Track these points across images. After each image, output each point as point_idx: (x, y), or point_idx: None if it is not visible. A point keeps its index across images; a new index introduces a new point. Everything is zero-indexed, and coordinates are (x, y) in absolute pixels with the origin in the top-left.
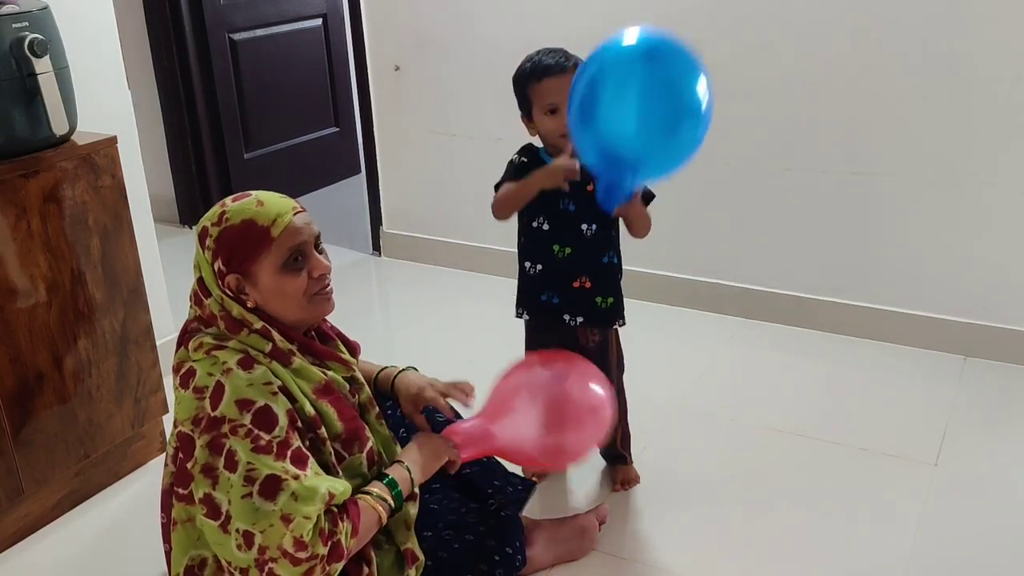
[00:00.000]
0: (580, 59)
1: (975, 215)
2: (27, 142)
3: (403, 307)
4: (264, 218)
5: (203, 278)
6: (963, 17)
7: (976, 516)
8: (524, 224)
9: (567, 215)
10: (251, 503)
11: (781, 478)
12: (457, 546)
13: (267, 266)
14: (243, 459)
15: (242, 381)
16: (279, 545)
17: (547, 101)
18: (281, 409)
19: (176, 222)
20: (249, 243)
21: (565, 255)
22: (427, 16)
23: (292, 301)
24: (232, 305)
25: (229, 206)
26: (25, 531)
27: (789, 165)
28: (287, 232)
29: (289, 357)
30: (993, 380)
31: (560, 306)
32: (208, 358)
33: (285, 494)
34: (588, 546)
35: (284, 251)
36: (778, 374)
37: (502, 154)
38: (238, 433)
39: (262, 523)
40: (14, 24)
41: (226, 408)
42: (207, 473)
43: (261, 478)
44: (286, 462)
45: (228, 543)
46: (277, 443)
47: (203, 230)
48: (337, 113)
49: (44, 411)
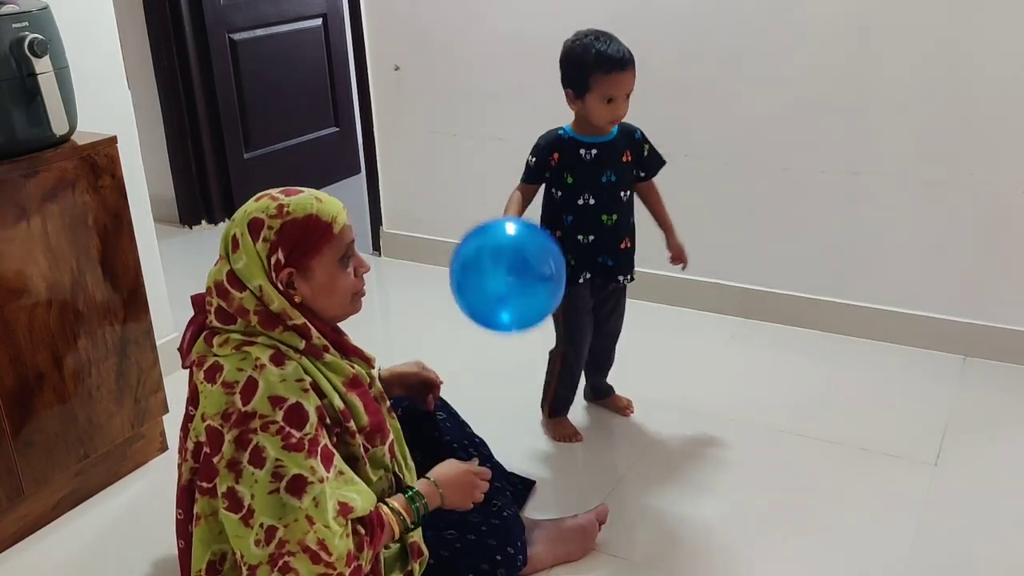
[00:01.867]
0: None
1: (975, 215)
2: (27, 142)
3: (403, 307)
4: (326, 214)
5: (237, 270)
6: (963, 17)
7: (976, 516)
8: (568, 203)
9: (610, 186)
10: (278, 498)
11: (781, 478)
12: (459, 545)
13: (325, 262)
14: (272, 455)
15: (275, 377)
16: (301, 540)
17: (610, 93)
18: (311, 406)
19: (176, 222)
20: (313, 238)
21: (612, 222)
22: (427, 16)
23: (340, 297)
24: (274, 298)
25: (286, 199)
26: (25, 531)
27: (788, 165)
28: (345, 230)
29: (322, 352)
30: (993, 380)
31: (614, 268)
32: (237, 353)
33: (309, 496)
34: (588, 546)
35: (341, 248)
36: (778, 374)
37: (502, 154)
38: (269, 429)
39: (288, 517)
40: (14, 24)
41: (258, 404)
42: (232, 467)
43: (289, 475)
44: (315, 460)
45: (248, 537)
46: (308, 440)
47: (256, 221)
48: (337, 113)
49: (44, 411)
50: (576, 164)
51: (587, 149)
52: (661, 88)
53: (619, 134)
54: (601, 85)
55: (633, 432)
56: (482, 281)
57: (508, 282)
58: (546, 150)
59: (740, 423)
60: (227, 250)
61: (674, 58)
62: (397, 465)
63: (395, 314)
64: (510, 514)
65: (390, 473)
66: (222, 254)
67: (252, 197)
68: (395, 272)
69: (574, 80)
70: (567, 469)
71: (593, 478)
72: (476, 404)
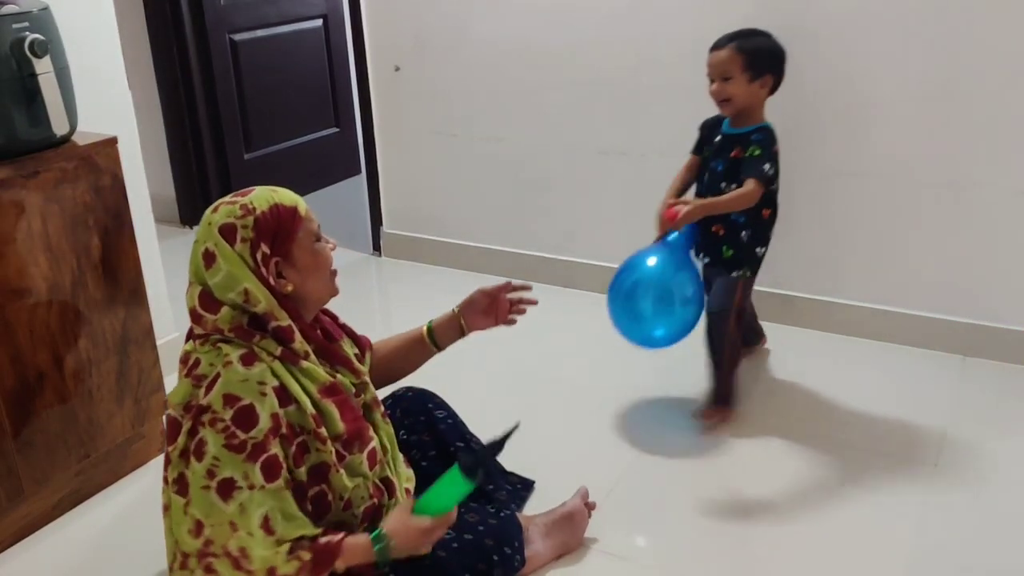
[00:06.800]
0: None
1: (975, 215)
2: (27, 142)
3: (403, 307)
4: (288, 200)
5: (215, 285)
6: (963, 17)
7: (976, 516)
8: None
9: (715, 175)
10: (208, 496)
11: (781, 478)
12: (456, 545)
13: (303, 245)
14: (211, 452)
15: (236, 376)
16: (224, 544)
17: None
18: (266, 412)
19: (176, 222)
20: (286, 224)
21: None
22: (427, 16)
23: (324, 274)
24: (261, 298)
25: (244, 199)
26: (25, 531)
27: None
28: (308, 212)
29: (299, 359)
30: (993, 380)
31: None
32: (213, 350)
33: (235, 502)
34: (580, 532)
35: (312, 230)
36: (778, 374)
37: (502, 154)
38: (216, 426)
39: (213, 518)
40: (14, 24)
41: (213, 399)
42: (183, 456)
43: (221, 476)
44: (252, 465)
45: (183, 525)
46: (252, 444)
47: (227, 227)
48: (337, 113)
49: (44, 411)
50: (709, 144)
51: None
52: (661, 88)
53: (746, 131)
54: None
55: (632, 432)
56: (635, 310)
57: (656, 309)
58: (702, 127)
59: (740, 423)
60: (198, 271)
61: (674, 58)
62: (390, 469)
63: (395, 314)
64: (507, 514)
65: (368, 481)
66: (192, 279)
67: (201, 219)
68: (395, 272)
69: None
70: (567, 469)
71: (593, 478)
72: (476, 404)
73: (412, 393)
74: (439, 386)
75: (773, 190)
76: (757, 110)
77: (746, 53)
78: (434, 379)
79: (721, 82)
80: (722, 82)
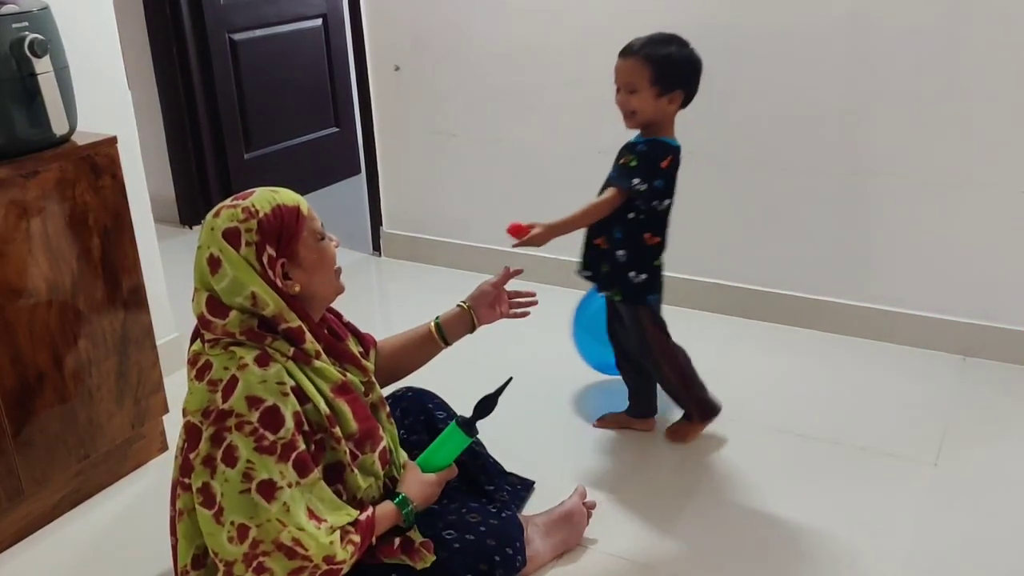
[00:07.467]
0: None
1: (975, 215)
2: (27, 142)
3: (403, 307)
4: (289, 200)
5: (221, 290)
6: (963, 17)
7: (976, 516)
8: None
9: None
10: (249, 498)
11: (781, 478)
12: (457, 546)
13: (307, 244)
14: (244, 456)
15: (255, 378)
16: (276, 539)
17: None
18: (289, 411)
19: (176, 222)
20: (289, 224)
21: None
22: (427, 16)
23: (330, 272)
24: (270, 301)
25: (245, 203)
26: (25, 531)
27: (788, 165)
28: (310, 211)
29: (311, 358)
30: (993, 380)
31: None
32: (225, 353)
33: (279, 502)
34: (579, 531)
35: (315, 228)
36: (778, 374)
37: (501, 154)
38: (243, 429)
39: (259, 518)
40: (14, 24)
41: (236, 402)
42: (207, 463)
43: (259, 478)
44: (287, 466)
45: (219, 534)
46: (282, 445)
47: (231, 231)
48: (337, 113)
49: (44, 411)
50: None
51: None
52: None
53: (636, 140)
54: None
55: (632, 432)
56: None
57: None
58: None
59: (740, 423)
60: (203, 276)
61: None
62: (396, 469)
63: (395, 314)
64: (508, 515)
65: (380, 481)
66: (198, 285)
67: (203, 224)
68: (395, 272)
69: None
70: (566, 470)
71: (592, 478)
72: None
73: (412, 393)
74: (438, 386)
75: (661, 213)
76: (666, 125)
77: (655, 64)
78: (433, 379)
79: (626, 94)
80: (627, 94)
